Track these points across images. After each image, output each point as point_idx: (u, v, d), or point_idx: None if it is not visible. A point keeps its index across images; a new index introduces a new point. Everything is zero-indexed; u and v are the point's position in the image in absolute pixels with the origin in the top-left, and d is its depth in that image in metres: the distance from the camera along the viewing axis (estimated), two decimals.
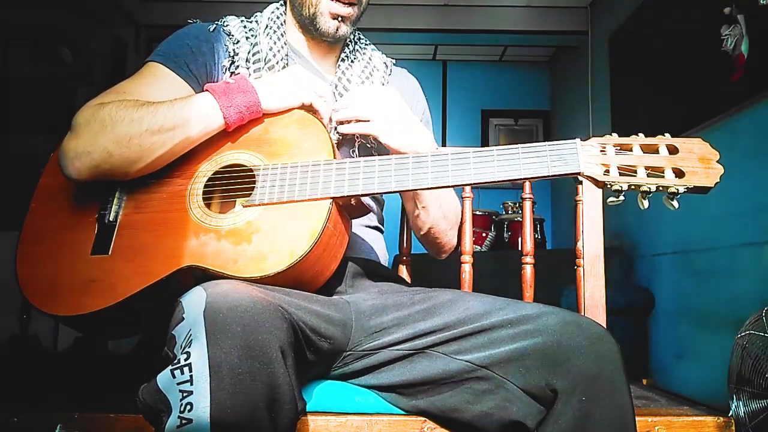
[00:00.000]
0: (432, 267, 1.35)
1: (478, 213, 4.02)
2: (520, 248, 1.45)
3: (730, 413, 1.84)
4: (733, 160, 2.54)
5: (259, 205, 1.01)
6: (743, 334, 1.86)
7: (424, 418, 1.01)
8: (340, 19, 1.18)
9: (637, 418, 0.90)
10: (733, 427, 1.10)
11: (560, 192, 5.05)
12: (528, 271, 1.39)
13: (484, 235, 4.07)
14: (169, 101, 1.03)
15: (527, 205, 1.44)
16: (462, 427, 0.97)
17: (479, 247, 4.02)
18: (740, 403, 1.82)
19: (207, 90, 1.05)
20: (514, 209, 4.17)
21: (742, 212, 2.47)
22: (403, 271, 1.45)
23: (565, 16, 4.48)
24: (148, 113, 1.00)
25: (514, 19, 4.50)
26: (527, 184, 1.43)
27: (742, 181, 2.44)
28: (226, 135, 1.10)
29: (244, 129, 1.10)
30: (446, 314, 0.99)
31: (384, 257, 1.29)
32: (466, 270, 1.43)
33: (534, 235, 1.47)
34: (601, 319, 1.35)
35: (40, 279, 1.03)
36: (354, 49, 1.29)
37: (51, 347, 2.88)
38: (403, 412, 1.03)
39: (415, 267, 1.48)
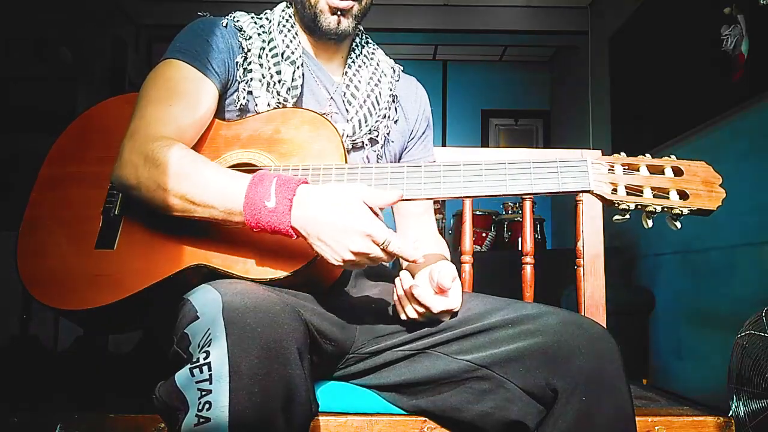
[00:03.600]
0: None
1: (478, 213, 4.02)
2: (520, 248, 1.45)
3: (730, 413, 1.84)
4: (733, 160, 2.54)
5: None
6: (743, 334, 1.86)
7: (424, 418, 1.01)
8: (340, 13, 1.16)
9: (637, 418, 0.90)
10: (733, 427, 1.10)
11: None
12: (528, 271, 1.39)
13: (484, 235, 4.07)
14: (208, 171, 0.96)
15: (527, 205, 1.44)
16: (462, 426, 0.97)
17: (479, 247, 4.02)
18: (740, 403, 1.82)
19: (246, 192, 0.93)
20: (514, 209, 4.17)
21: (742, 212, 2.46)
22: None
23: (565, 16, 4.49)
24: (180, 174, 0.96)
25: (514, 19, 4.51)
26: None
27: (742, 181, 2.44)
28: (235, 133, 1.09)
29: (253, 128, 1.09)
30: None
31: None
32: (466, 270, 1.43)
33: (534, 235, 1.47)
34: (601, 319, 1.35)
35: (42, 271, 1.02)
36: (361, 52, 1.27)
37: (51, 347, 2.88)
38: (403, 412, 1.03)
39: None
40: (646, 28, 3.45)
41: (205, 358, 0.77)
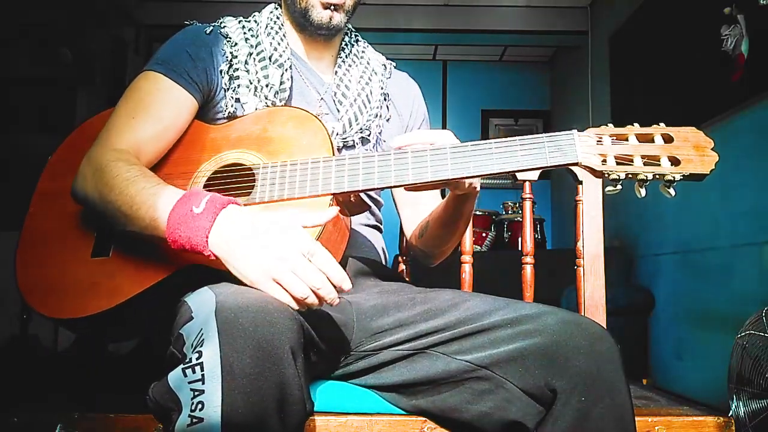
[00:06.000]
0: (432, 267, 1.35)
1: (478, 213, 4.02)
2: (520, 248, 1.45)
3: (730, 413, 1.84)
4: (733, 160, 2.54)
5: (259, 203, 1.01)
6: (743, 334, 1.86)
7: (424, 418, 1.01)
8: (332, 8, 1.16)
9: (637, 418, 0.89)
10: (733, 427, 1.10)
11: (560, 192, 5.05)
12: (528, 271, 1.39)
13: (484, 235, 4.07)
14: (143, 185, 0.95)
15: (527, 205, 1.44)
16: (462, 426, 0.97)
17: (479, 247, 4.02)
18: (740, 403, 1.82)
19: (174, 205, 0.91)
20: (514, 209, 4.17)
21: (742, 212, 2.46)
22: (403, 271, 1.45)
23: (565, 16, 4.48)
24: (117, 186, 0.96)
25: (514, 19, 4.51)
26: (527, 184, 1.43)
27: (742, 181, 2.44)
28: (224, 135, 1.10)
29: (241, 129, 1.10)
30: (447, 314, 0.99)
31: (384, 256, 1.29)
32: (466, 270, 1.43)
33: (534, 235, 1.47)
34: (601, 319, 1.35)
35: (40, 283, 1.02)
36: (351, 51, 1.27)
37: (51, 347, 2.88)
38: (403, 412, 1.03)
39: (415, 267, 1.48)
40: (646, 28, 3.45)
41: (197, 359, 0.76)
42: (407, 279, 1.42)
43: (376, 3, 4.30)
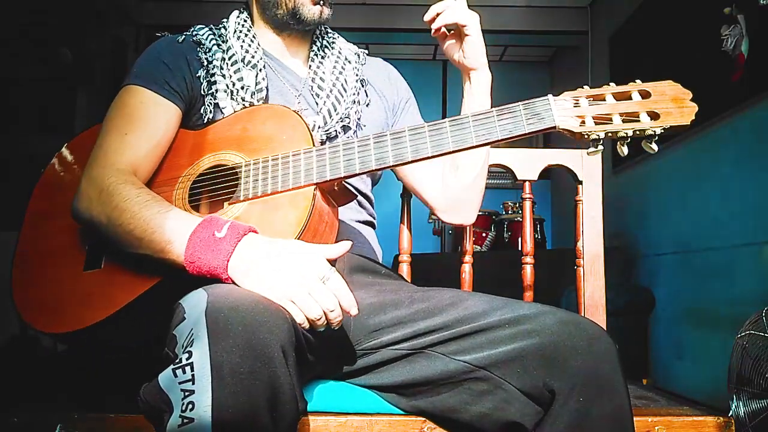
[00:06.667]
0: (432, 267, 1.35)
1: (478, 213, 4.02)
2: (520, 248, 1.45)
3: (730, 413, 1.84)
4: (733, 160, 2.55)
5: (244, 200, 1.02)
6: (743, 334, 1.86)
7: (423, 418, 1.02)
8: (321, 2, 1.19)
9: (637, 418, 0.90)
10: (733, 427, 1.10)
11: (560, 192, 5.05)
12: (528, 271, 1.39)
13: (484, 235, 4.07)
14: (157, 210, 0.96)
15: (527, 205, 1.44)
16: (461, 427, 0.97)
17: (479, 247, 4.01)
18: (740, 403, 1.82)
19: (194, 229, 0.92)
20: (514, 209, 4.17)
21: (742, 212, 2.46)
22: (404, 271, 1.45)
23: (565, 16, 4.48)
24: (128, 210, 0.97)
25: (514, 19, 4.50)
26: (527, 184, 1.43)
27: (742, 181, 2.44)
28: (206, 139, 1.11)
29: (222, 130, 1.11)
30: (445, 314, 0.99)
31: (378, 251, 1.30)
32: (466, 270, 1.43)
33: (534, 235, 1.47)
34: (601, 319, 1.35)
35: (37, 301, 1.03)
36: (323, 44, 1.29)
37: (51, 347, 2.88)
38: (403, 412, 1.03)
39: (415, 267, 1.48)
40: (646, 28, 3.45)
41: (187, 359, 0.76)
42: (407, 279, 1.42)
43: (376, 3, 4.30)
